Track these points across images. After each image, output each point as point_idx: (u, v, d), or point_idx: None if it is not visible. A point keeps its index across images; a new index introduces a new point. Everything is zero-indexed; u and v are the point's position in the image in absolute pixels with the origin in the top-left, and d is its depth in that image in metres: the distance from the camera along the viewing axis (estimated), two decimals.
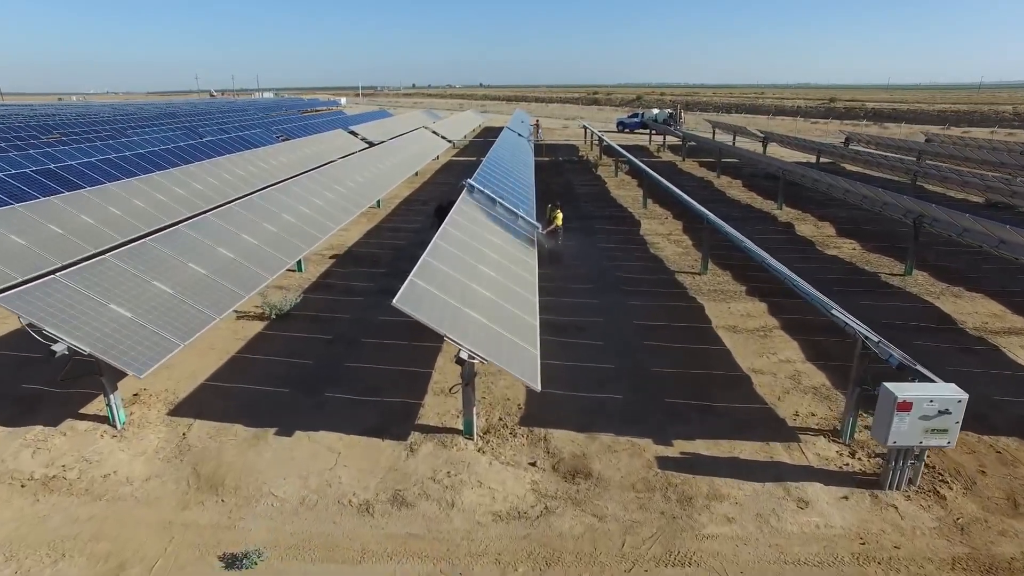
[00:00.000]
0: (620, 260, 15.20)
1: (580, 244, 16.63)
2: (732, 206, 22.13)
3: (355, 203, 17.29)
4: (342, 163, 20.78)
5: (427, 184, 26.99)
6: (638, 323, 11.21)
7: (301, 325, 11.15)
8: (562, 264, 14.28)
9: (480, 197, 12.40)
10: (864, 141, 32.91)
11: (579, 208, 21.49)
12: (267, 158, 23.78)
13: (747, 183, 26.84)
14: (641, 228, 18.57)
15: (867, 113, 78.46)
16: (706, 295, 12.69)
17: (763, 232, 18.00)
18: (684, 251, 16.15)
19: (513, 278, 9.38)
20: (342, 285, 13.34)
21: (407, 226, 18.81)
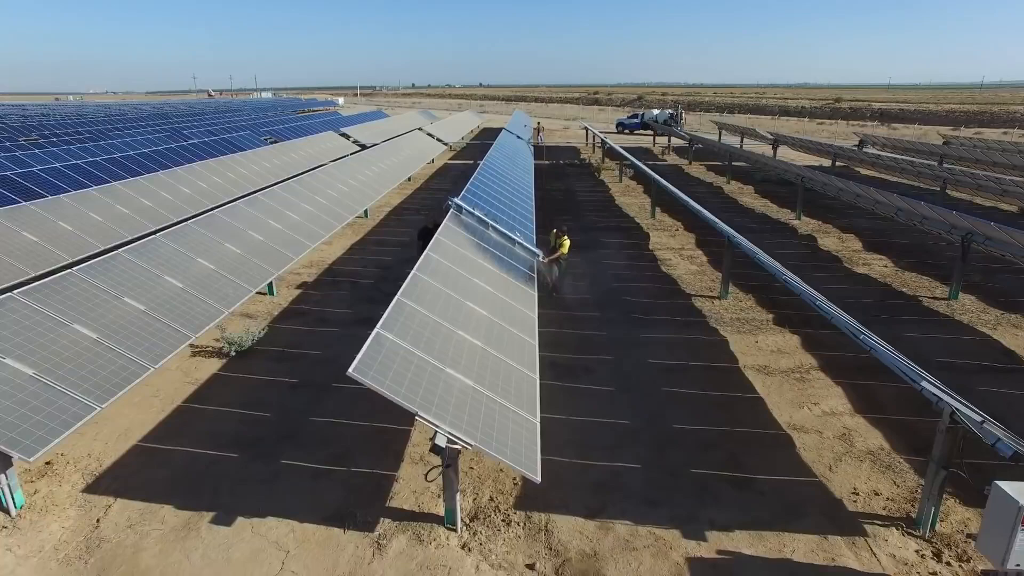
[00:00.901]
0: (629, 281, 13.68)
1: (585, 260, 15.11)
2: (746, 215, 20.61)
3: (338, 215, 15.78)
4: (328, 169, 19.28)
5: (420, 191, 25.48)
6: (654, 362, 9.69)
7: (264, 365, 9.63)
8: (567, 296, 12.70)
9: (469, 219, 10.86)
10: (880, 144, 31.39)
11: (582, 218, 19.97)
12: (250, 163, 22.27)
13: (760, 189, 25.32)
14: (650, 241, 17.05)
15: (873, 113, 76.93)
16: (729, 325, 11.17)
17: (784, 246, 16.48)
18: (699, 269, 14.63)
19: (508, 318, 7.87)
20: (316, 312, 11.82)
21: (395, 239, 17.28)
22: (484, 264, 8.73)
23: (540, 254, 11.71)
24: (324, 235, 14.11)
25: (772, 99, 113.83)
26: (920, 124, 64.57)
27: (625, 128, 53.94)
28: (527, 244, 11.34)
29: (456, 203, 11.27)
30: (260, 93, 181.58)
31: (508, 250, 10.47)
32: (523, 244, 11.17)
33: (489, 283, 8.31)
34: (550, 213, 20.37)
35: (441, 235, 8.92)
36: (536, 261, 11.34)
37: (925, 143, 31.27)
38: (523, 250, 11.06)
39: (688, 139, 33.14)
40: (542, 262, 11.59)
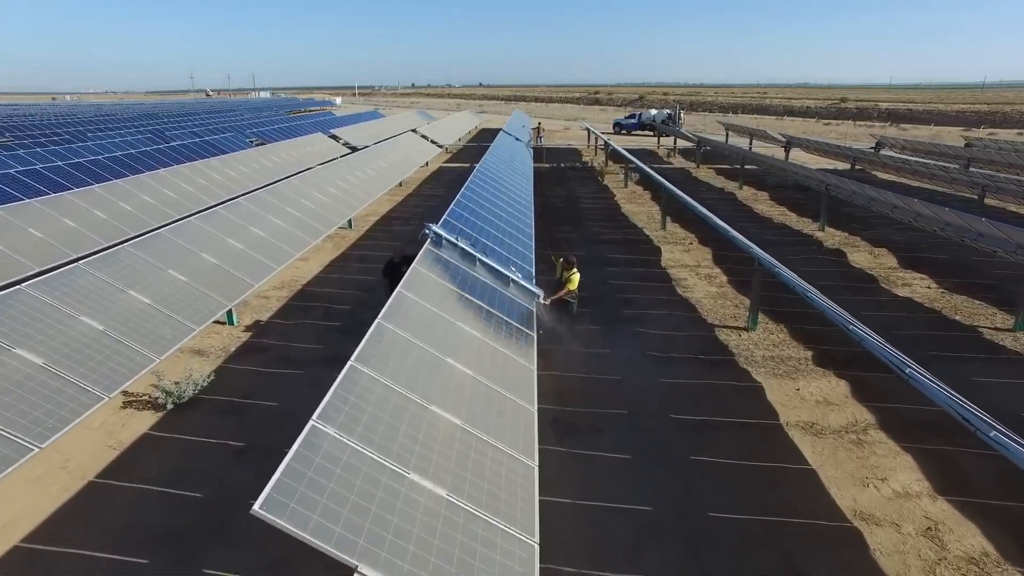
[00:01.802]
0: (641, 306, 12.02)
1: (591, 280, 13.43)
2: (764, 226, 18.95)
3: (315, 228, 14.11)
4: (306, 176, 17.62)
5: (412, 197, 23.81)
6: (677, 418, 8.03)
7: (206, 420, 7.96)
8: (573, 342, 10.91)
9: (450, 253, 8.54)
10: (899, 146, 29.73)
11: (586, 229, 18.30)
12: (225, 167, 20.60)
13: (775, 195, 23.65)
14: (662, 257, 15.38)
15: (881, 114, 75.27)
16: (762, 366, 9.50)
17: (810, 263, 14.82)
18: (719, 291, 12.97)
19: (500, 379, 6.18)
20: (280, 348, 10.15)
21: (380, 255, 15.58)
22: (467, 315, 6.97)
23: (541, 294, 9.19)
24: (294, 254, 12.45)
25: (775, 99, 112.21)
26: (928, 125, 62.93)
27: (623, 129, 52.48)
28: (526, 283, 9.12)
29: (434, 231, 8.82)
30: (258, 93, 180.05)
31: (499, 295, 8.25)
32: (520, 283, 9.00)
33: (472, 343, 6.59)
34: (551, 222, 18.71)
35: (411, 280, 7.11)
36: (536, 303, 8.95)
37: (950, 145, 29.59)
38: (520, 291, 8.95)
39: (696, 141, 31.48)
40: (544, 304, 9.25)
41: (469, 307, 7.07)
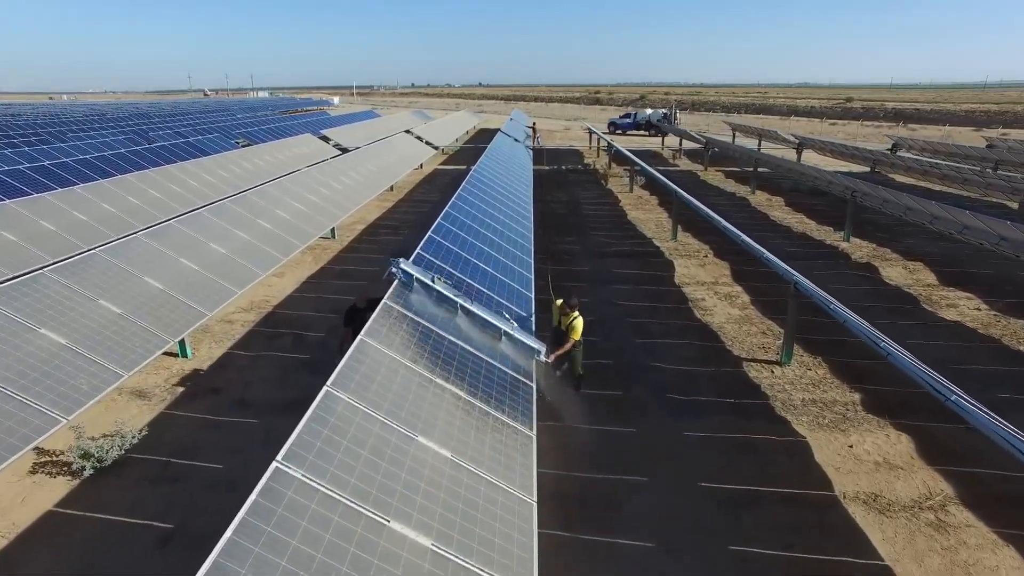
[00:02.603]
0: (656, 335, 10.53)
1: (597, 301, 11.97)
2: (782, 235, 17.46)
3: (286, 244, 12.63)
4: (290, 180, 16.13)
5: (403, 202, 22.30)
6: (708, 487, 6.54)
7: (130, 492, 6.47)
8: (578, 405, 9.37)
9: (424, 298, 6.63)
10: (918, 148, 28.25)
11: (590, 239, 16.80)
12: (202, 172, 19.11)
13: (790, 201, 22.17)
14: (675, 273, 13.88)
15: (888, 113, 73.79)
16: (803, 412, 8.01)
17: (839, 279, 13.34)
18: (742, 314, 11.49)
19: (483, 504, 4.67)
20: (236, 387, 8.67)
21: (363, 270, 14.12)
22: (445, 385, 5.44)
23: (542, 350, 7.21)
24: (261, 274, 10.96)
25: (777, 99, 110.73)
26: (940, 125, 61.45)
27: (618, 128, 51.25)
28: (523, 337, 7.14)
29: (403, 270, 6.79)
30: (256, 92, 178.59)
31: (485, 363, 6.08)
32: (516, 336, 7.05)
33: (452, 426, 5.09)
34: (552, 231, 17.22)
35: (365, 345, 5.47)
36: (536, 362, 6.97)
37: (974, 147, 28.07)
38: (514, 346, 6.94)
39: (704, 142, 30.00)
40: (546, 362, 7.29)
41: (447, 377, 5.49)
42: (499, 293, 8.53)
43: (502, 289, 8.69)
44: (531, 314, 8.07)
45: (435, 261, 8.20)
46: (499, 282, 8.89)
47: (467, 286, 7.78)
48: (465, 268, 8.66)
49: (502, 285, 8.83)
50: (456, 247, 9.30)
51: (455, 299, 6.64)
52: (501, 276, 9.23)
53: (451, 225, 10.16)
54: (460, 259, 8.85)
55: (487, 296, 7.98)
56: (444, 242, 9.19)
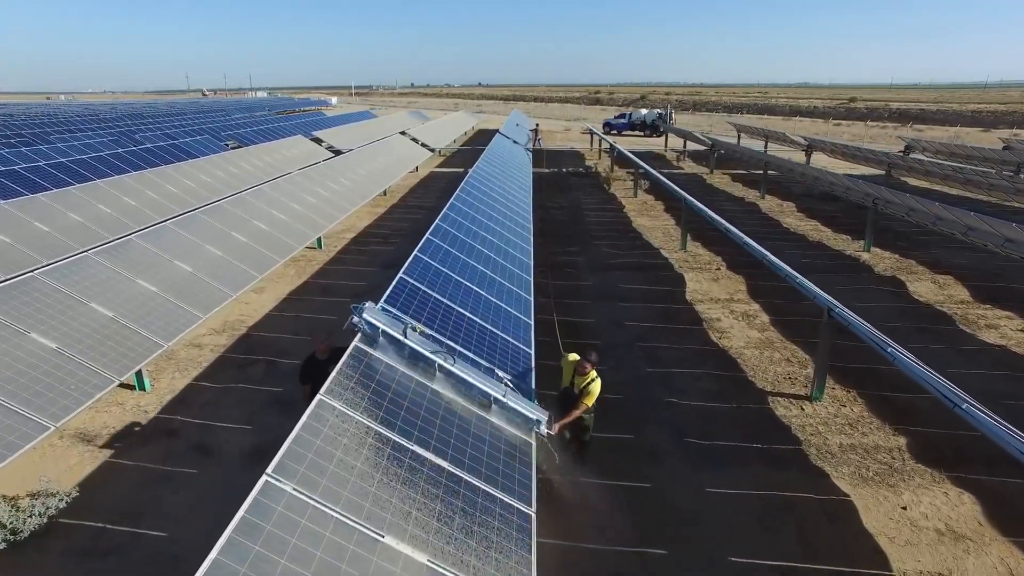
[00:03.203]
0: (669, 362, 9.49)
1: (603, 322, 10.94)
2: (797, 244, 16.42)
3: (260, 260, 11.59)
4: (271, 187, 15.09)
5: (396, 208, 21.25)
6: (741, 562, 5.49)
7: (49, 573, 5.43)
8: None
9: (393, 358, 5.18)
10: (932, 150, 27.21)
11: (593, 250, 15.75)
12: (182, 177, 18.06)
13: (802, 206, 21.13)
14: (686, 288, 12.84)
15: (892, 114, 72.76)
16: (842, 462, 6.97)
17: (864, 295, 12.32)
18: (763, 338, 10.45)
19: None
20: (195, 429, 7.63)
21: (349, 284, 13.09)
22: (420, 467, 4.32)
23: (544, 419, 5.53)
24: (230, 295, 9.91)
25: (778, 99, 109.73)
26: (947, 126, 60.44)
27: (613, 128, 50.35)
28: (519, 405, 5.49)
29: (368, 321, 5.27)
30: (255, 92, 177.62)
31: (472, 439, 4.79)
32: (510, 405, 5.43)
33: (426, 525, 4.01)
34: (553, 241, 16.18)
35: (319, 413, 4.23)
36: (536, 434, 5.47)
37: (993, 149, 27.01)
38: (509, 416, 5.41)
39: (710, 144, 28.97)
40: (550, 433, 5.65)
41: (418, 458, 4.41)
42: (494, 321, 7.48)
43: (497, 317, 7.64)
44: (530, 368, 6.69)
45: (420, 287, 7.15)
46: (494, 308, 7.85)
47: (454, 323, 6.69)
48: (456, 293, 7.62)
49: (497, 312, 7.78)
50: (446, 267, 8.26)
51: (432, 358, 5.30)
52: (496, 300, 8.19)
53: (441, 241, 9.11)
54: (450, 282, 7.81)
55: (479, 330, 6.92)
56: (432, 262, 8.14)
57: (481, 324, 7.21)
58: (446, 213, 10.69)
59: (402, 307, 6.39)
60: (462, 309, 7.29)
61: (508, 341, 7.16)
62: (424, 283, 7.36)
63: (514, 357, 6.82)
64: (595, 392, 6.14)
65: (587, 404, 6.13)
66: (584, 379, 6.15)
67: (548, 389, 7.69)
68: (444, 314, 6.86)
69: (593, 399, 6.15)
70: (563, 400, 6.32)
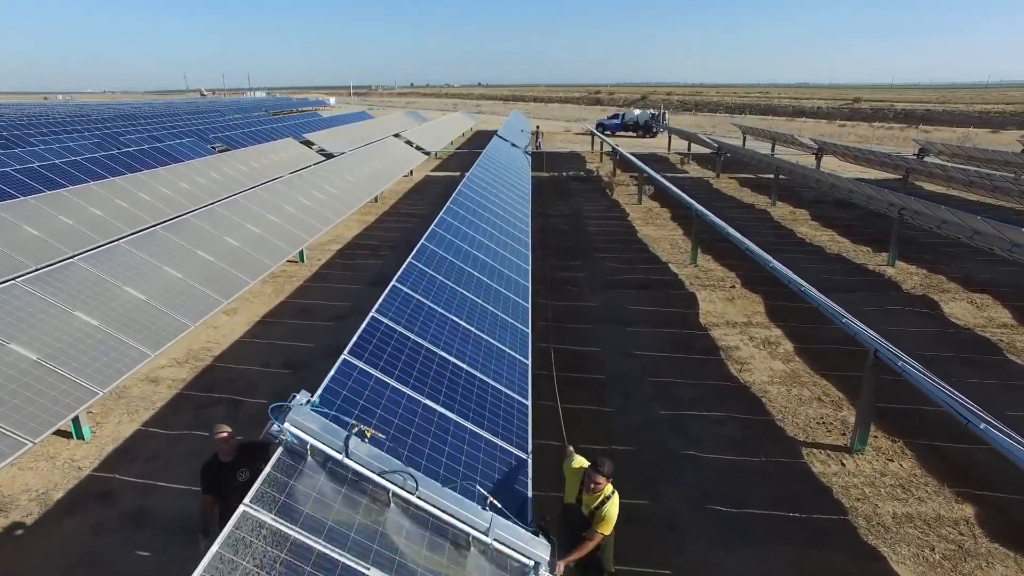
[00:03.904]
0: (685, 402, 8.36)
1: (610, 351, 9.82)
2: (814, 256, 15.28)
3: (228, 283, 10.46)
4: (247, 197, 13.97)
5: (387, 216, 20.12)
6: None
7: None
8: None
9: (327, 481, 3.41)
10: (949, 153, 26.08)
11: (596, 265, 14.62)
12: (160, 184, 16.93)
13: (817, 214, 20.01)
14: (699, 309, 11.71)
15: (897, 114, 71.61)
16: (899, 539, 5.84)
17: (894, 317, 11.21)
18: (788, 369, 9.33)
19: None
20: (137, 489, 6.50)
21: (331, 304, 11.97)
22: None
23: (544, 560, 3.67)
24: (188, 325, 8.78)
25: (781, 99, 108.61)
26: (953, 126, 59.31)
27: (606, 129, 49.47)
28: (512, 543, 3.70)
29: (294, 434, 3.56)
30: (254, 92, 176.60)
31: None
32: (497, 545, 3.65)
33: None
34: (552, 253, 15.05)
35: None
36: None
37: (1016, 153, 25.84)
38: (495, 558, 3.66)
39: (716, 147, 27.85)
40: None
41: None
42: (484, 365, 6.36)
43: (488, 360, 6.50)
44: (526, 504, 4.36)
45: (395, 328, 6.02)
46: (484, 349, 6.71)
47: (435, 374, 5.54)
48: (440, 331, 6.48)
49: (488, 354, 6.64)
50: (430, 298, 7.13)
51: (384, 483, 3.58)
52: (488, 337, 7.05)
53: (425, 265, 7.98)
54: (433, 319, 6.67)
55: (466, 379, 5.79)
56: (413, 294, 7.01)
57: (469, 372, 6.08)
58: (434, 230, 9.56)
59: (371, 358, 5.27)
60: (446, 353, 6.16)
61: (501, 393, 6.02)
62: (402, 322, 6.22)
63: (507, 416, 5.68)
64: (612, 517, 4.47)
65: (602, 534, 4.49)
66: (596, 498, 4.49)
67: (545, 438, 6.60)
68: (424, 363, 5.73)
69: (610, 526, 4.49)
70: (568, 522, 4.70)
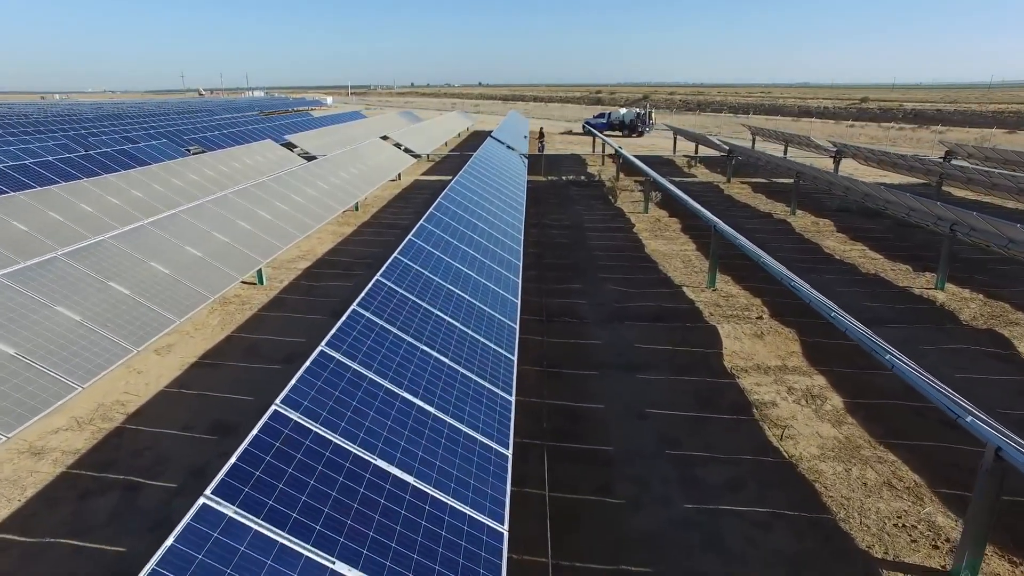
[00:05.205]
0: (714, 490, 6.44)
1: (616, 409, 7.90)
2: (849, 276, 13.34)
3: (148, 323, 8.53)
4: (197, 211, 12.04)
5: (367, 226, 18.20)
6: None
7: None
8: None
9: None
10: (981, 156, 24.14)
11: (600, 288, 12.69)
12: (107, 193, 15.02)
13: (843, 225, 18.07)
14: (723, 348, 9.77)
15: (907, 115, 69.60)
16: None
17: (962, 360, 9.28)
18: (841, 435, 7.40)
19: None
20: None
21: (285, 340, 10.05)
22: None
23: None
24: (77, 387, 6.83)
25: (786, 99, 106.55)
26: (967, 127, 57.32)
27: (593, 128, 47.91)
28: None
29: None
30: (252, 92, 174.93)
31: None
32: None
33: None
34: (549, 272, 13.12)
35: None
36: None
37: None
38: None
39: (728, 150, 25.91)
40: None
41: None
42: (442, 484, 4.44)
43: (445, 481, 4.58)
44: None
45: (309, 427, 4.09)
46: (446, 442, 4.79)
47: (353, 520, 3.64)
48: (374, 434, 4.56)
49: (449, 458, 4.71)
50: (372, 370, 5.21)
51: None
52: (453, 422, 5.13)
53: (375, 315, 6.05)
54: (371, 405, 4.75)
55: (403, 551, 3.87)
56: (349, 363, 5.08)
57: (416, 489, 4.16)
58: (398, 258, 7.64)
59: (252, 506, 3.36)
60: (385, 461, 4.25)
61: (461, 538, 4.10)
62: (320, 417, 4.31)
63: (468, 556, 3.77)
64: None
65: None
66: None
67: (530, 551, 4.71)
68: (338, 500, 3.81)
69: None
70: None
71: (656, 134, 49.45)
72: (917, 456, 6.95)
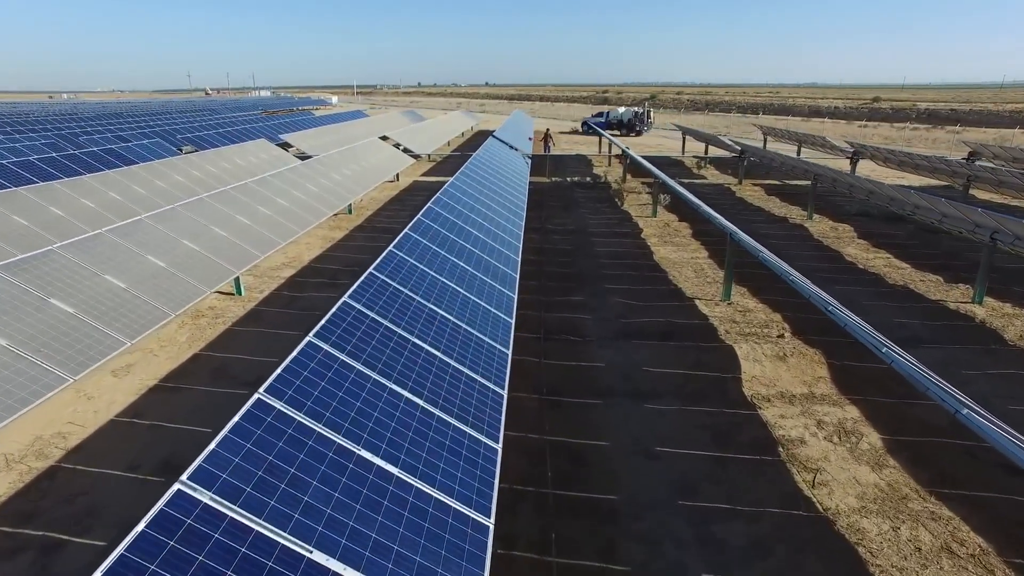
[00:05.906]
0: (738, 555, 5.44)
1: (622, 447, 6.91)
2: (875, 289, 12.28)
3: (77, 354, 7.60)
4: (174, 213, 11.11)
5: (360, 230, 17.25)
6: None
7: None
8: None
9: None
10: (1008, 158, 22.97)
11: (605, 300, 11.68)
12: (84, 195, 14.13)
13: (864, 231, 16.98)
14: (741, 373, 8.75)
15: (920, 114, 68.16)
16: None
17: (1014, 387, 8.22)
18: (883, 482, 6.38)
19: None
20: None
21: (258, 360, 9.09)
22: None
23: None
24: (16, 412, 5.89)
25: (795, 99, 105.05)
26: (983, 127, 55.91)
27: (591, 127, 47.07)
28: None
29: None
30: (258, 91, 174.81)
31: None
32: None
33: None
34: (550, 282, 12.12)
35: None
36: None
37: None
38: None
39: (740, 151, 24.82)
40: None
41: None
42: None
43: None
44: None
45: (228, 508, 3.13)
46: (412, 506, 3.82)
47: None
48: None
49: (412, 534, 3.75)
50: (322, 420, 4.23)
51: None
52: (421, 486, 4.15)
53: (335, 348, 5.08)
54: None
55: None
56: (302, 417, 4.11)
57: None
58: (373, 274, 6.67)
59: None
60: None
61: None
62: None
63: None
64: None
65: None
66: None
67: None
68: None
69: None
70: None
71: (665, 133, 48.39)
72: (977, 511, 5.92)
